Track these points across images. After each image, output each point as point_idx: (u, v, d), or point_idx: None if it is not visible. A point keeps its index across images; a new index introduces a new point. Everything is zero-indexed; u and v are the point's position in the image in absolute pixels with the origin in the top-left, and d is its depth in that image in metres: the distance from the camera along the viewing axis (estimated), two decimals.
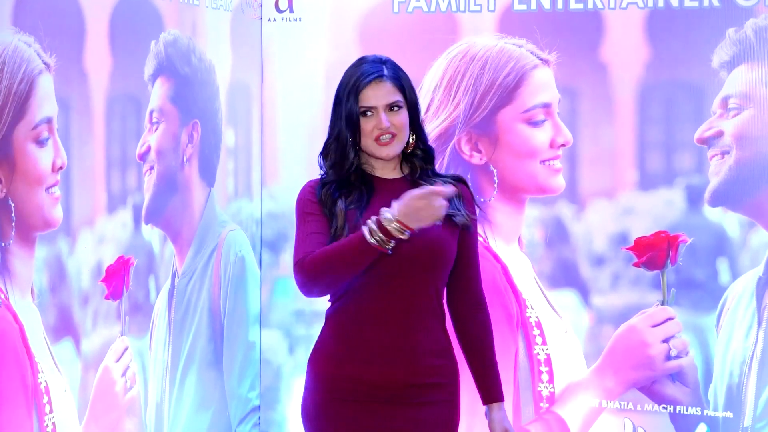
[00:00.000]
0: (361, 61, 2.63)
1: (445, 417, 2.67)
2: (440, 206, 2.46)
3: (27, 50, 2.69)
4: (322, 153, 2.63)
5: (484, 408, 2.73)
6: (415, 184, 2.62)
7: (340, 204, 2.53)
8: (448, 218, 2.61)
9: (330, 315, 2.66)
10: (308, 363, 2.70)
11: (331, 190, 2.56)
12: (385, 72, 2.56)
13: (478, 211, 2.87)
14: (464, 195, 2.67)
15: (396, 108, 2.54)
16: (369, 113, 2.54)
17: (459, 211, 2.62)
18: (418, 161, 2.62)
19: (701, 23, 3.29)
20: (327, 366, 2.63)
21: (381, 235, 2.41)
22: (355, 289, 2.58)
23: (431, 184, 2.63)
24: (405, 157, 2.61)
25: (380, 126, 2.54)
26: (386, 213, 2.44)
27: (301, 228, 2.62)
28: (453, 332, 2.70)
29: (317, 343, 2.69)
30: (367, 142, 2.56)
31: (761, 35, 3.23)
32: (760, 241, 3.30)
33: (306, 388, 2.67)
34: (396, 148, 2.55)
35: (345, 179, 2.57)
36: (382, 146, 2.55)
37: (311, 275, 2.52)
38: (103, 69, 3.01)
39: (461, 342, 2.71)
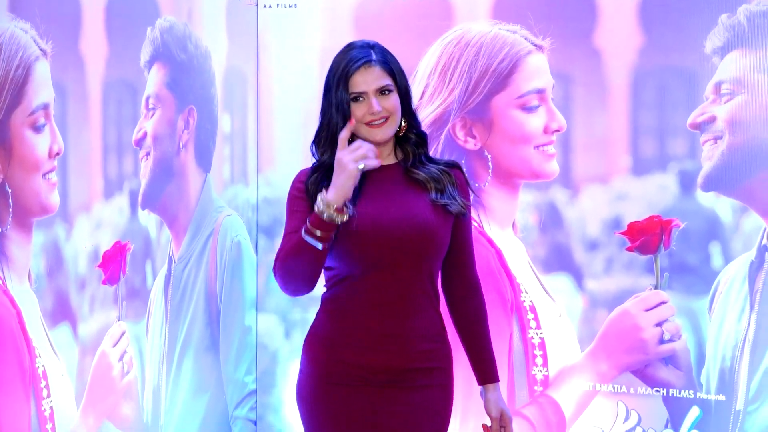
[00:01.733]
0: (350, 47, 2.61)
1: (439, 400, 2.67)
2: (348, 156, 2.47)
3: (23, 37, 2.70)
4: (314, 141, 2.63)
5: (479, 389, 2.74)
6: (408, 171, 2.62)
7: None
8: (443, 207, 2.61)
9: (325, 300, 2.65)
10: (303, 347, 2.70)
11: (319, 179, 2.55)
12: (374, 56, 2.54)
13: (472, 196, 2.89)
14: (458, 181, 2.66)
15: (386, 92, 2.53)
16: (360, 99, 2.53)
17: (454, 199, 2.61)
18: (411, 147, 2.60)
19: (694, 9, 3.28)
20: (322, 350, 2.63)
21: (317, 230, 2.42)
22: (351, 275, 2.58)
23: (426, 170, 2.63)
24: (398, 142, 2.61)
25: (371, 111, 2.54)
26: (318, 202, 2.44)
27: (286, 225, 2.62)
28: (447, 315, 2.71)
29: (312, 327, 2.69)
30: (360, 128, 2.56)
31: (754, 21, 3.22)
32: (752, 225, 3.30)
33: (301, 372, 2.67)
34: (389, 131, 2.54)
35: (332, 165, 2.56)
36: (375, 129, 2.54)
37: (281, 279, 2.52)
38: (100, 55, 3.01)
39: (456, 325, 2.71)
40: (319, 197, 2.43)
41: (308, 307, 3.59)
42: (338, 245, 2.53)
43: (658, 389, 3.40)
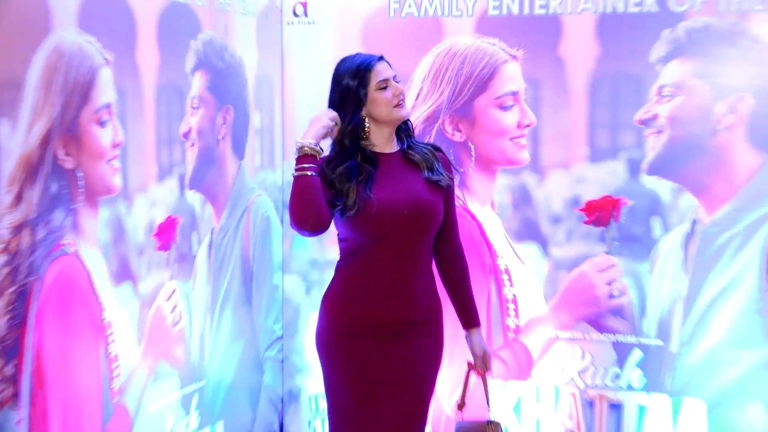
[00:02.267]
0: (350, 57, 2.59)
1: (434, 347, 2.68)
2: (325, 117, 2.49)
3: (89, 48, 2.68)
4: (332, 142, 2.59)
5: (463, 334, 2.73)
6: (405, 154, 2.60)
7: (352, 184, 2.51)
8: (434, 183, 2.59)
9: (340, 267, 2.64)
10: (321, 304, 2.68)
11: (342, 170, 2.52)
12: (379, 55, 2.57)
13: (456, 177, 2.87)
14: (442, 160, 2.66)
15: (396, 80, 2.55)
16: (385, 87, 2.52)
17: (441, 174, 2.60)
18: (402, 133, 2.62)
19: (642, 25, 3.27)
20: (338, 307, 2.61)
21: (299, 164, 2.43)
22: (363, 246, 2.56)
23: (418, 151, 2.62)
24: (396, 130, 2.61)
25: (398, 91, 2.55)
26: (297, 143, 2.46)
27: None
28: (437, 274, 2.70)
29: (329, 289, 2.67)
30: (386, 110, 2.53)
31: (691, 35, 3.21)
32: (686, 203, 3.30)
33: (319, 325, 2.66)
34: (407, 110, 2.56)
35: (353, 156, 2.54)
36: (400, 108, 2.55)
37: (296, 222, 2.46)
38: (152, 63, 3.00)
39: (445, 282, 2.70)
40: (299, 142, 2.45)
41: (324, 269, 3.62)
42: (354, 223, 2.51)
43: (607, 335, 3.41)
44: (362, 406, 2.60)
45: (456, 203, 3.56)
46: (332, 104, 2.58)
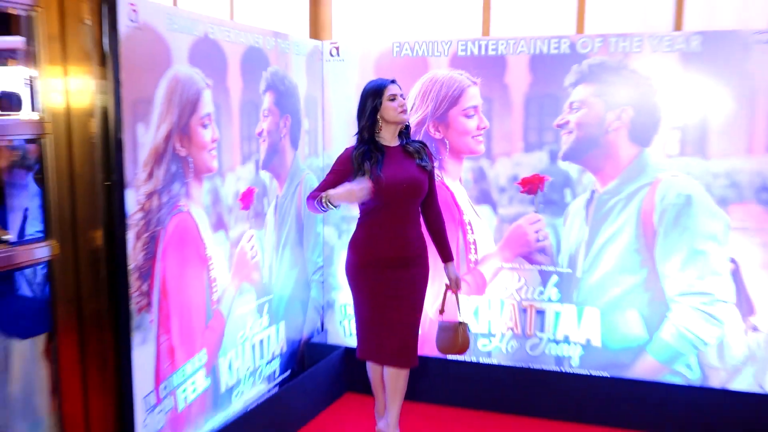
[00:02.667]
0: (374, 80, 2.63)
1: (423, 273, 2.73)
2: (358, 192, 2.45)
3: (197, 76, 2.69)
4: (357, 134, 2.63)
5: (442, 265, 2.76)
6: (405, 148, 2.61)
7: (366, 165, 2.54)
8: (423, 167, 2.61)
9: (361, 222, 2.67)
10: (348, 246, 2.71)
11: (361, 152, 2.56)
12: (393, 79, 2.65)
13: (436, 163, 2.88)
14: (427, 152, 2.68)
15: (403, 97, 2.61)
16: (394, 99, 2.55)
17: (427, 162, 2.62)
18: (404, 134, 2.64)
19: (559, 62, 3.26)
20: (360, 248, 2.65)
21: (322, 207, 2.50)
22: (377, 207, 2.59)
23: (413, 146, 2.63)
24: (399, 133, 2.62)
25: (401, 103, 2.57)
26: (329, 196, 2.47)
27: (327, 175, 2.64)
28: (423, 228, 2.72)
29: (353, 236, 2.71)
30: (393, 114, 2.57)
31: (591, 68, 3.21)
32: (587, 179, 3.30)
33: (347, 261, 2.70)
34: (407, 116, 2.60)
35: (368, 145, 2.57)
36: (403, 114, 2.57)
37: (308, 206, 2.60)
38: (237, 87, 3.00)
39: (429, 231, 2.73)
40: (329, 195, 2.47)
41: (350, 223, 3.64)
42: (374, 192, 2.54)
43: (535, 266, 3.42)
44: (376, 312, 2.65)
45: (436, 179, 3.62)
46: (360, 107, 2.60)
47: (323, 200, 2.49)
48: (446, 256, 2.80)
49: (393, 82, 2.63)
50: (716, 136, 3.10)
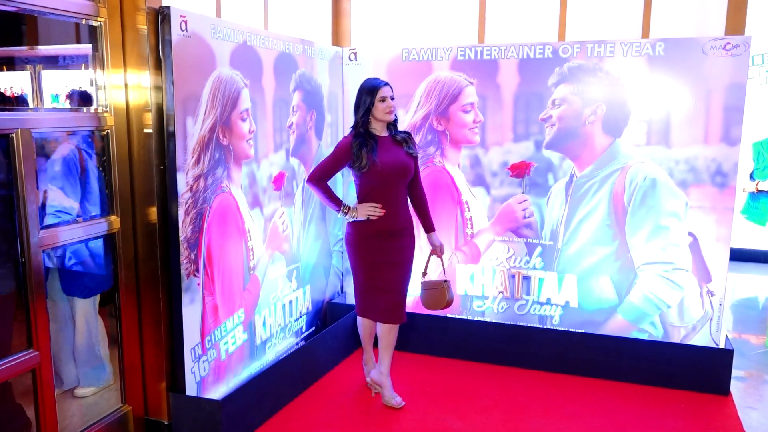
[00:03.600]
0: (371, 79, 2.60)
1: (412, 242, 2.71)
2: (372, 212, 2.52)
3: (237, 76, 2.68)
4: (353, 126, 2.60)
5: (425, 235, 2.74)
6: (393, 138, 2.59)
7: (364, 151, 2.52)
8: (410, 154, 2.59)
9: (360, 198, 2.63)
10: (348, 222, 2.68)
11: (358, 141, 2.53)
12: (387, 82, 2.59)
13: (421, 152, 2.85)
14: (412, 141, 2.65)
15: (392, 99, 2.53)
16: (384, 100, 2.51)
17: (414, 150, 2.61)
18: (392, 125, 2.60)
19: (544, 65, 3.22)
20: (357, 223, 2.63)
21: (345, 214, 2.56)
22: (374, 187, 2.57)
23: (401, 136, 2.61)
24: (387, 124, 2.59)
25: (390, 105, 2.53)
26: (353, 210, 2.53)
27: (329, 158, 2.63)
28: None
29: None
30: (381, 114, 2.54)
31: (571, 70, 3.18)
32: (567, 165, 3.28)
33: (347, 233, 2.70)
34: (393, 116, 2.55)
35: (364, 136, 2.55)
36: (390, 114, 2.54)
37: (311, 188, 2.64)
38: (271, 87, 3.00)
39: (414, 207, 2.70)
40: (353, 209, 2.54)
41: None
42: (366, 175, 2.53)
43: (522, 239, 3.40)
44: (373, 276, 2.64)
45: (437, 165, 3.57)
46: (357, 102, 2.58)
47: (347, 212, 2.55)
48: (429, 227, 2.81)
49: (386, 84, 2.59)
50: (677, 128, 3.07)
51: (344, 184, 3.65)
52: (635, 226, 3.16)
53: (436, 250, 2.81)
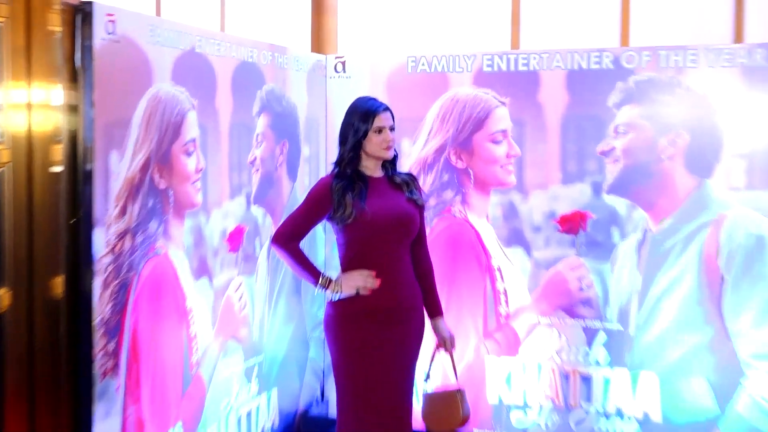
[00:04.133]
0: (367, 99, 2.62)
1: (419, 329, 2.64)
2: (362, 285, 2.52)
3: (181, 95, 2.72)
4: (336, 162, 2.60)
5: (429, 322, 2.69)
6: (391, 180, 2.60)
7: (348, 197, 2.50)
8: (414, 202, 2.60)
9: (345, 264, 2.59)
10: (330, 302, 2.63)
11: (341, 183, 2.53)
12: (387, 106, 2.58)
13: (433, 198, 2.85)
14: (416, 186, 2.67)
15: (393, 129, 2.57)
16: (380, 131, 2.53)
17: (418, 197, 2.62)
18: (389, 165, 2.62)
19: (601, 78, 3.29)
20: (343, 299, 2.57)
21: (324, 288, 2.55)
22: (363, 248, 2.54)
23: (400, 177, 2.62)
24: (383, 162, 2.61)
25: (388, 139, 2.54)
26: (335, 283, 2.53)
27: (301, 208, 2.62)
28: None
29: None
30: (375, 149, 2.55)
31: (639, 86, 3.25)
32: (638, 216, 3.30)
33: (326, 314, 2.61)
34: (392, 153, 2.57)
35: (350, 177, 2.55)
36: (387, 150, 2.55)
37: (277, 252, 2.63)
38: (227, 108, 3.05)
39: (417, 277, 2.66)
40: (335, 283, 2.53)
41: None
42: (352, 229, 2.51)
43: (578, 320, 3.39)
44: (366, 382, 2.51)
45: (458, 215, 3.58)
46: (343, 130, 2.59)
47: (328, 286, 2.54)
48: (435, 309, 2.71)
49: (385, 109, 2.59)
50: None
51: (327, 243, 3.66)
52: (738, 304, 3.15)
53: (445, 344, 2.72)
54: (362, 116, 2.55)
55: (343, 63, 3.62)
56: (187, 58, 2.76)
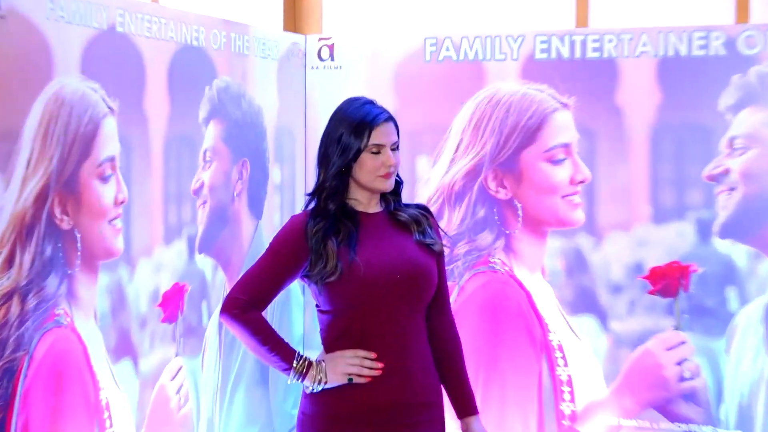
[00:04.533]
0: (357, 103, 2.59)
1: None
2: (356, 372, 2.49)
3: (93, 95, 2.72)
4: (314, 192, 2.58)
5: (456, 421, 2.66)
6: (392, 215, 2.59)
7: (331, 244, 2.48)
8: (427, 246, 2.58)
9: (328, 342, 2.58)
10: (304, 389, 2.63)
11: (321, 225, 2.51)
12: (389, 114, 2.53)
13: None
14: (433, 223, 2.64)
15: (396, 148, 2.52)
16: (378, 152, 2.51)
17: (434, 239, 2.59)
18: (390, 195, 2.59)
19: (708, 70, 3.30)
20: (323, 391, 2.56)
21: (300, 376, 2.50)
22: (354, 317, 2.52)
23: (407, 213, 2.61)
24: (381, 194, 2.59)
25: (389, 163, 2.51)
26: (317, 367, 2.49)
27: (264, 261, 2.57)
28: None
29: None
30: (369, 177, 2.51)
31: (764, 81, 3.24)
32: (766, 270, 3.27)
33: (302, 414, 2.59)
34: (392, 183, 2.53)
35: (332, 214, 2.53)
36: (385, 179, 2.52)
37: (230, 327, 2.57)
38: (162, 112, 3.04)
39: (435, 358, 2.64)
40: (317, 368, 2.49)
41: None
42: (338, 290, 2.48)
43: (679, 424, 3.36)
44: None
45: (500, 269, 3.57)
46: (324, 143, 2.57)
47: (306, 372, 2.52)
48: (465, 405, 2.66)
49: (387, 118, 2.57)
50: None
51: (307, 308, 3.65)
52: None
53: None
54: (353, 128, 2.52)
55: (331, 47, 3.64)
56: (103, 41, 2.75)
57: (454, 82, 3.51)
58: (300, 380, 2.54)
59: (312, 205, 2.57)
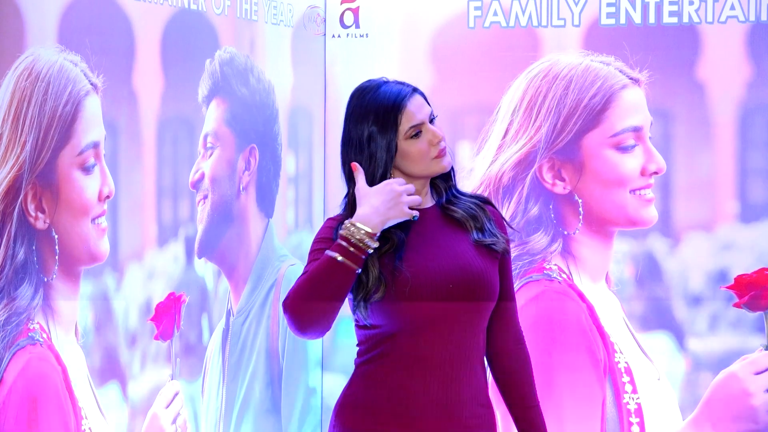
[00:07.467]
0: (372, 87, 2.57)
1: None
2: (403, 194, 2.43)
3: (73, 70, 2.72)
4: (346, 196, 2.56)
5: None
6: (446, 209, 2.58)
7: (373, 256, 2.48)
8: (487, 247, 2.56)
9: (362, 363, 2.59)
10: (333, 418, 2.63)
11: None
12: (411, 87, 2.55)
13: (516, 246, 2.83)
14: (494, 217, 2.62)
15: (433, 119, 2.52)
16: (418, 133, 2.50)
17: (495, 236, 2.57)
18: (441, 182, 2.58)
19: None
20: (358, 421, 2.55)
21: (350, 249, 2.38)
22: (396, 333, 2.52)
23: (462, 206, 2.60)
24: (432, 180, 2.57)
25: (436, 139, 2.50)
26: (347, 223, 2.40)
27: (305, 268, 2.58)
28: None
29: (345, 396, 2.62)
30: (421, 165, 2.51)
31: None
32: None
33: (333, 426, 2.61)
34: (450, 159, 2.52)
35: None
36: (441, 159, 2.51)
37: (294, 311, 2.47)
38: (154, 90, 3.05)
39: (500, 382, 2.63)
40: (347, 221, 2.39)
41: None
42: (385, 301, 2.48)
43: None
44: None
45: (555, 278, 3.56)
46: (347, 150, 2.56)
47: (352, 240, 2.44)
48: (533, 427, 2.72)
49: (413, 91, 2.57)
50: None
51: None
52: None
53: None
54: (379, 122, 2.53)
55: (355, 11, 3.64)
56: (84, 4, 2.77)
57: (504, 53, 3.50)
58: (360, 243, 2.47)
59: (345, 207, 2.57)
